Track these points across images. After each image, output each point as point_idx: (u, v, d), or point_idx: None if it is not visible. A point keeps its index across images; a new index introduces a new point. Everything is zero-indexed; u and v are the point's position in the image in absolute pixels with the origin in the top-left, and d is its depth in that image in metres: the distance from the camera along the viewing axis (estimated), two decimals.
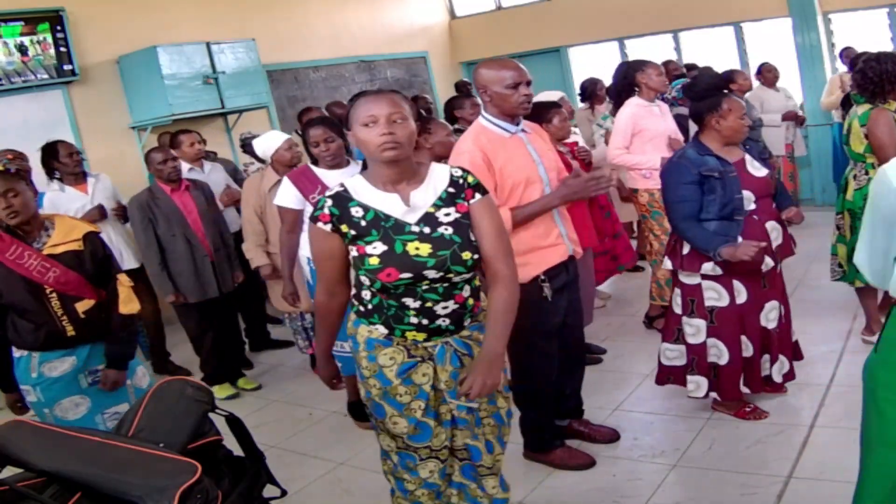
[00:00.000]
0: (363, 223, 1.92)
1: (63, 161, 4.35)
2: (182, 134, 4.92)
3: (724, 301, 3.00)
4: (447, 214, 1.95)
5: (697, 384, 3.11)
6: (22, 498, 1.50)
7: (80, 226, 2.82)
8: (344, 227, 1.93)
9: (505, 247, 2.02)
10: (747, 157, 3.06)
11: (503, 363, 2.01)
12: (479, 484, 2.18)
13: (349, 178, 2.01)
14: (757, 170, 3.04)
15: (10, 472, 1.59)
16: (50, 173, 4.37)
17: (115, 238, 4.42)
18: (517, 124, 2.72)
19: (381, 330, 1.99)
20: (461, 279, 1.96)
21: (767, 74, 6.39)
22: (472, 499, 2.20)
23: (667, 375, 3.25)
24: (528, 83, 2.63)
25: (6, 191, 2.59)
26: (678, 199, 2.97)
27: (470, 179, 2.00)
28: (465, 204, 1.97)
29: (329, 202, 1.94)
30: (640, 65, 4.26)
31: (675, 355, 3.19)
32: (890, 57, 3.37)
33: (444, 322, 1.97)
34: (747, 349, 3.04)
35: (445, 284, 1.94)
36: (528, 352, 2.80)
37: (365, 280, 1.94)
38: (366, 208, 1.93)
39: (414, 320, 1.95)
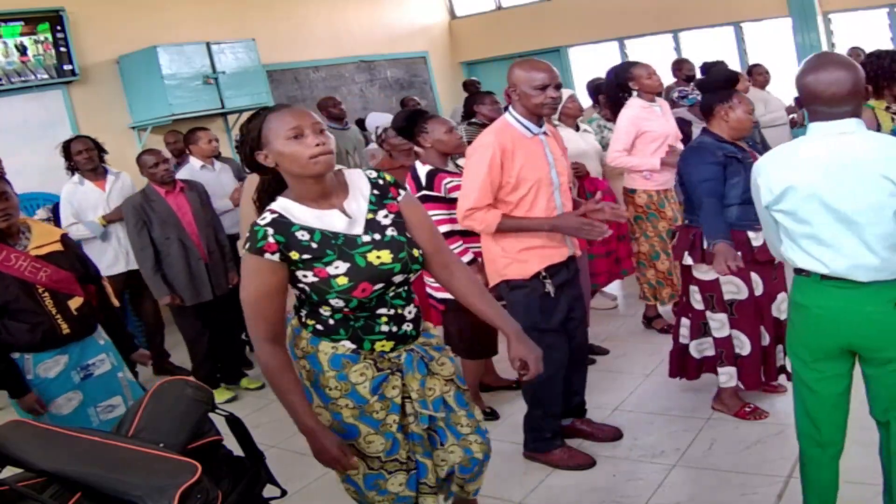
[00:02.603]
0: (314, 245, 1.80)
1: (74, 158, 4.46)
2: (200, 130, 4.91)
3: (744, 294, 3.02)
4: (385, 216, 1.90)
5: (729, 375, 3.13)
6: (22, 498, 1.50)
7: (53, 229, 2.93)
8: (294, 254, 1.78)
9: (440, 234, 2.04)
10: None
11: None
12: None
13: (275, 203, 1.84)
14: None
15: (10, 472, 1.59)
16: (71, 168, 4.51)
17: (125, 240, 4.40)
18: (540, 126, 2.77)
19: (348, 345, 1.87)
20: (409, 282, 1.95)
21: (759, 77, 6.31)
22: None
23: (697, 367, 3.25)
24: (558, 87, 2.69)
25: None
26: (702, 178, 2.96)
27: (388, 178, 1.97)
28: (395, 203, 1.94)
29: (270, 230, 1.77)
30: (630, 66, 4.26)
31: (706, 347, 3.21)
32: (889, 54, 3.38)
33: (408, 327, 1.93)
34: (764, 339, 3.08)
35: (405, 288, 1.92)
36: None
37: (337, 302, 1.81)
38: (310, 230, 1.80)
39: (385, 328, 1.89)
